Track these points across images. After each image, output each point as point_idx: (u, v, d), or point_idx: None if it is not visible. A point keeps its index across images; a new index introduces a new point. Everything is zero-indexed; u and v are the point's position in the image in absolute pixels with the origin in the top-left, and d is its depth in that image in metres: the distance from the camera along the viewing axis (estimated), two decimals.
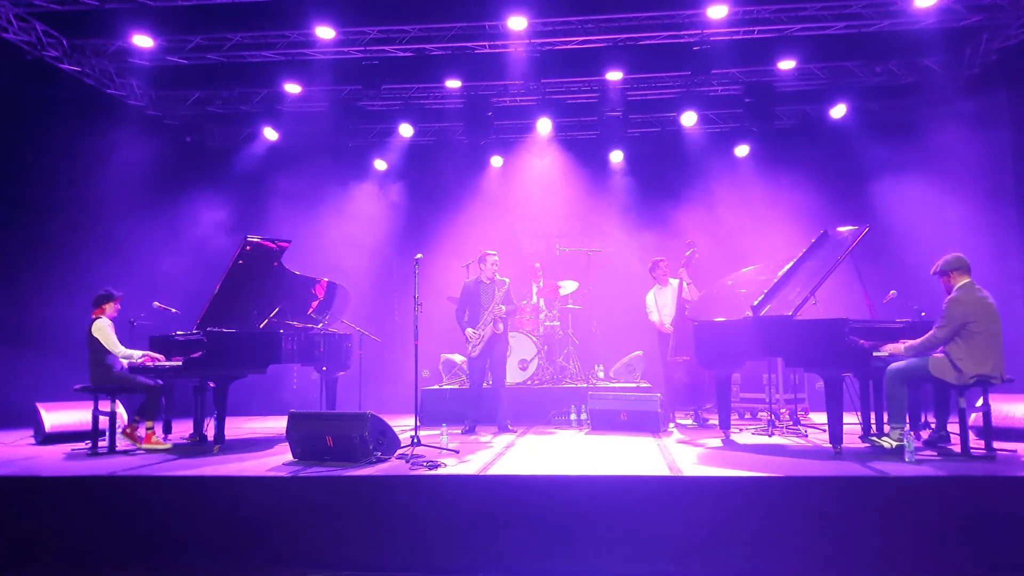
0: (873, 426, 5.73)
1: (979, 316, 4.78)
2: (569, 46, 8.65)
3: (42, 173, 8.44)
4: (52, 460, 5.53)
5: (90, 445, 5.83)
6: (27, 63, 7.99)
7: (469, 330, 6.96)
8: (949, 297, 4.90)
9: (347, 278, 7.87)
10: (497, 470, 4.75)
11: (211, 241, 9.79)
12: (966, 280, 4.93)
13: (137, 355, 5.93)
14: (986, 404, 4.98)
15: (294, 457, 5.27)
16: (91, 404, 5.87)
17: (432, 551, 4.27)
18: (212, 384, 6.03)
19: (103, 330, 5.89)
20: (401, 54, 8.79)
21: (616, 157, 10.74)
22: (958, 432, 4.96)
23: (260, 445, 6.19)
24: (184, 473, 4.82)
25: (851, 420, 5.70)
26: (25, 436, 6.88)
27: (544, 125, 9.89)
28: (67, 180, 8.67)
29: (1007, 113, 8.49)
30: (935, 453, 5.02)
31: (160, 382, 6.02)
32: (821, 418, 6.04)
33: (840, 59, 8.98)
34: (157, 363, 5.97)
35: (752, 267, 6.53)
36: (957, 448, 4.96)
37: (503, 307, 6.96)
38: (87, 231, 8.79)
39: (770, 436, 6.29)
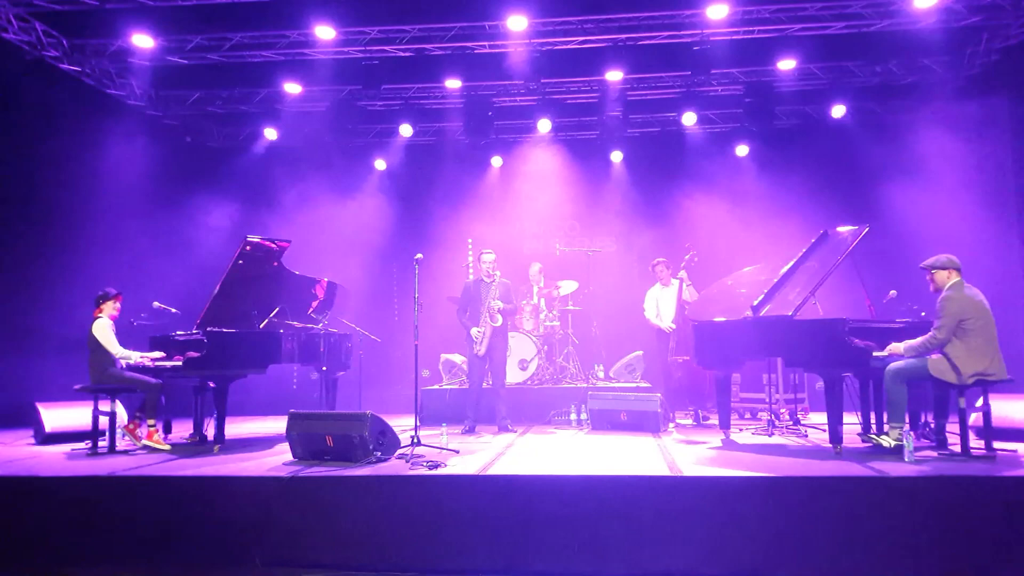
0: (873, 426, 5.73)
1: (973, 313, 4.79)
2: (569, 46, 8.65)
3: (42, 173, 8.43)
4: (52, 460, 5.53)
5: (90, 445, 5.83)
6: (27, 63, 7.99)
7: (474, 330, 6.97)
8: (941, 296, 4.91)
9: (347, 278, 7.87)
10: (497, 470, 4.75)
11: (211, 241, 9.79)
12: (956, 279, 4.95)
13: (135, 356, 5.94)
14: (986, 404, 4.99)
15: (294, 457, 5.27)
16: (91, 404, 5.87)
17: (432, 551, 4.27)
18: (212, 384, 6.03)
19: (102, 330, 5.90)
20: (401, 54, 8.78)
21: (616, 157, 10.74)
22: (958, 432, 4.96)
23: (260, 445, 6.19)
24: (184, 473, 4.82)
25: (851, 420, 5.70)
26: (25, 436, 6.89)
27: (544, 125, 9.88)
28: (67, 180, 8.66)
29: (1007, 113, 8.49)
30: (935, 453, 5.02)
31: (160, 381, 6.02)
32: (821, 418, 6.04)
33: (840, 59, 8.98)
34: (157, 361, 5.98)
35: (752, 267, 6.53)
36: (957, 448, 4.96)
37: (499, 302, 6.98)
38: (87, 231, 8.78)
39: (770, 436, 6.29)
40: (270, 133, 10.17)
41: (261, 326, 6.53)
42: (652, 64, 9.01)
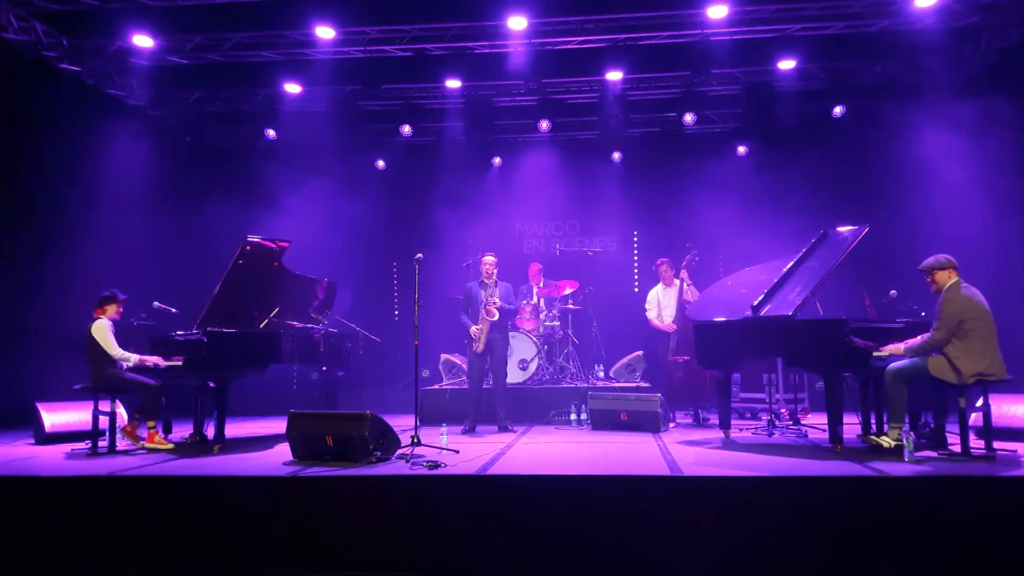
0: (873, 426, 5.73)
1: (972, 313, 4.79)
2: (569, 46, 8.65)
3: (42, 173, 8.43)
4: (52, 460, 5.53)
5: (90, 445, 5.83)
6: (27, 63, 7.98)
7: (473, 327, 6.99)
8: (941, 298, 4.92)
9: (348, 278, 7.88)
10: (497, 470, 4.75)
11: (211, 241, 9.76)
12: (954, 280, 4.95)
13: (133, 359, 5.92)
14: (986, 404, 4.98)
15: (294, 457, 5.27)
16: (91, 404, 5.87)
17: (432, 551, 4.27)
18: (212, 384, 6.03)
19: (102, 331, 5.89)
20: (401, 54, 8.78)
21: (616, 157, 10.72)
22: (958, 432, 4.96)
23: (260, 445, 6.19)
24: (184, 473, 4.82)
25: (851, 420, 5.70)
26: (25, 436, 6.89)
27: (544, 125, 9.87)
28: (67, 180, 8.65)
29: (1007, 112, 8.46)
30: (935, 453, 5.02)
31: (160, 382, 6.02)
32: (821, 418, 6.05)
33: (840, 59, 8.96)
34: (156, 364, 5.98)
35: (752, 267, 6.53)
36: (957, 448, 4.96)
37: (497, 300, 6.98)
38: (86, 231, 8.77)
39: (770, 436, 6.29)
40: (270, 133, 10.16)
41: (261, 326, 6.54)
42: (652, 64, 8.98)
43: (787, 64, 8.75)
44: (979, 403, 5.04)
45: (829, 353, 5.10)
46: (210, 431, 6.21)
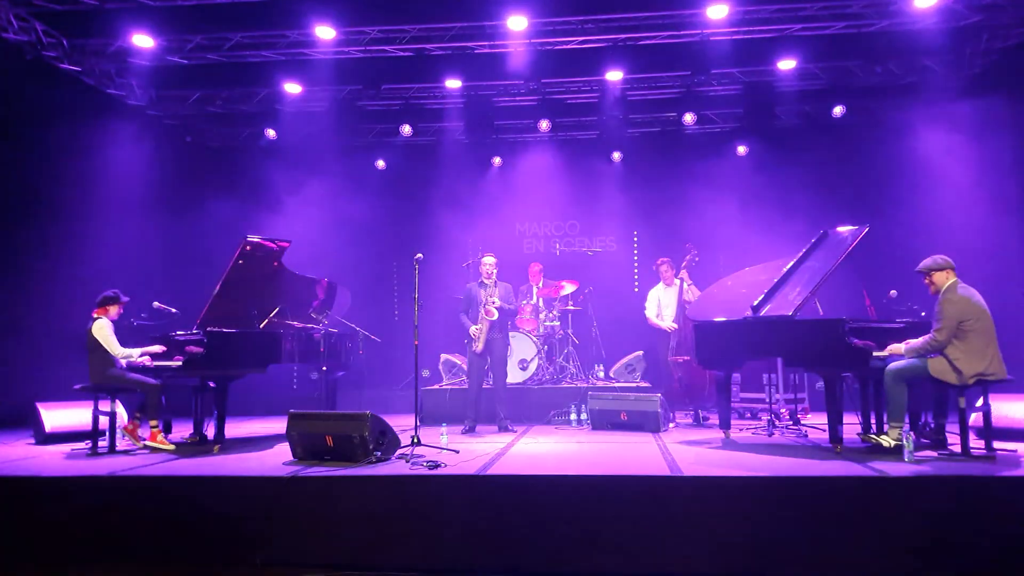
0: (873, 426, 5.73)
1: (972, 314, 4.79)
2: (569, 46, 8.64)
3: (42, 173, 8.42)
4: (52, 460, 5.53)
5: (90, 445, 5.83)
6: (27, 63, 7.98)
7: (472, 327, 6.99)
8: (940, 299, 4.92)
9: (347, 278, 7.86)
10: (497, 470, 4.75)
11: (211, 241, 9.77)
12: (952, 280, 4.95)
13: (136, 353, 5.93)
14: (986, 404, 4.99)
15: (294, 457, 5.28)
16: (91, 404, 5.87)
17: (432, 551, 4.27)
18: (212, 384, 6.03)
19: (102, 330, 5.89)
20: (401, 54, 8.78)
21: (616, 157, 10.72)
22: (958, 432, 4.96)
23: (260, 445, 6.19)
24: (184, 473, 4.82)
25: (851, 420, 5.70)
26: (25, 436, 6.89)
27: (544, 125, 9.87)
28: (66, 180, 8.65)
29: (1008, 113, 8.47)
30: (935, 453, 5.02)
31: (160, 381, 6.02)
32: (821, 418, 6.05)
33: (840, 59, 8.95)
34: (157, 361, 5.98)
35: (752, 267, 6.53)
36: (957, 448, 4.96)
37: (496, 300, 6.99)
38: (86, 231, 8.77)
39: (770, 436, 6.29)
40: (270, 133, 10.16)
41: (261, 326, 6.54)
42: (652, 64, 8.97)
43: (787, 64, 8.74)
44: (979, 403, 5.05)
45: (829, 353, 5.10)
46: (210, 431, 6.21)
